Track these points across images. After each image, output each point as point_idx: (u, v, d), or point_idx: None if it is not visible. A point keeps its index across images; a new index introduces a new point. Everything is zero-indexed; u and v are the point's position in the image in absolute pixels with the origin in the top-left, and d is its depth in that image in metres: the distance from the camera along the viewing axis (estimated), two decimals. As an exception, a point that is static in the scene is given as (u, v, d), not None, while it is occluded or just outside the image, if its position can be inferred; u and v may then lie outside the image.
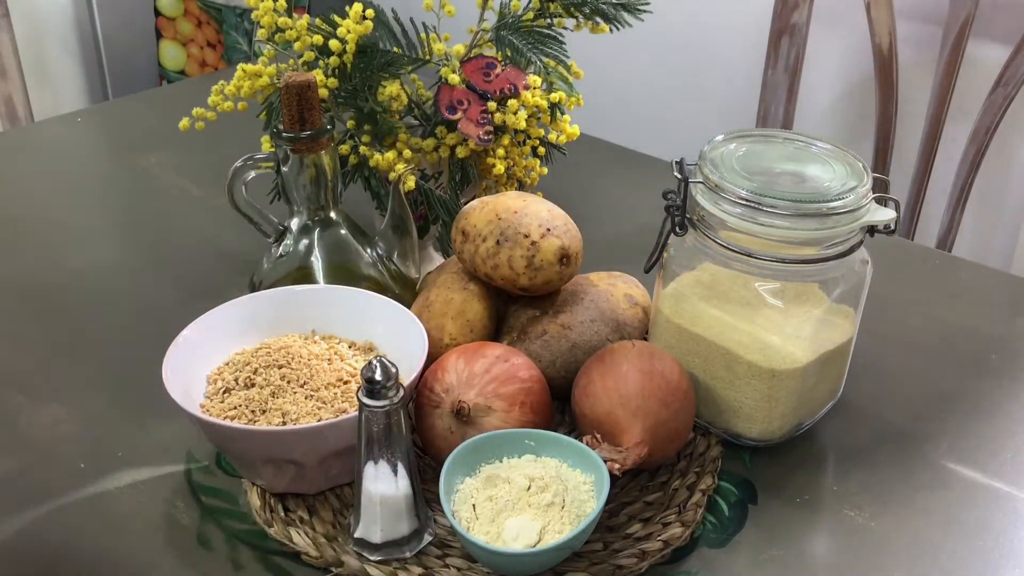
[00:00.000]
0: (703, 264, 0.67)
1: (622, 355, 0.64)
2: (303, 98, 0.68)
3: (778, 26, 1.42)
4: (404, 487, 0.57)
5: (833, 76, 1.61)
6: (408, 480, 0.57)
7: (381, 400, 0.54)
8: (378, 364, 0.54)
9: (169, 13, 2.15)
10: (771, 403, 0.65)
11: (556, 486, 0.57)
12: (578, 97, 0.80)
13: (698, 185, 0.65)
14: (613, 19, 0.82)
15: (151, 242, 0.95)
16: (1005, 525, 0.63)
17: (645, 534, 0.61)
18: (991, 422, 0.73)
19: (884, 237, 0.66)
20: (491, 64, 0.79)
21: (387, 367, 0.54)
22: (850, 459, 0.68)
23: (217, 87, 0.80)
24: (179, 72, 2.19)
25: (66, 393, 0.73)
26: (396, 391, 0.55)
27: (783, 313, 0.64)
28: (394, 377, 0.54)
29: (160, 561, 0.59)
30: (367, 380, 0.54)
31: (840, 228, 0.62)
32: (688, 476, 0.65)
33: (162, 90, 1.57)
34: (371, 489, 0.57)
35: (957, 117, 1.35)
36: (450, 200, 0.80)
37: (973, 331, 0.83)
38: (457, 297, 0.70)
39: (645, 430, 0.60)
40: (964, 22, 1.29)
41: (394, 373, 0.55)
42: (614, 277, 0.75)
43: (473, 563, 0.58)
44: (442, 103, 0.77)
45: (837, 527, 0.63)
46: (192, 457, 0.67)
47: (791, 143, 0.68)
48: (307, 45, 0.79)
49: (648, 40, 1.69)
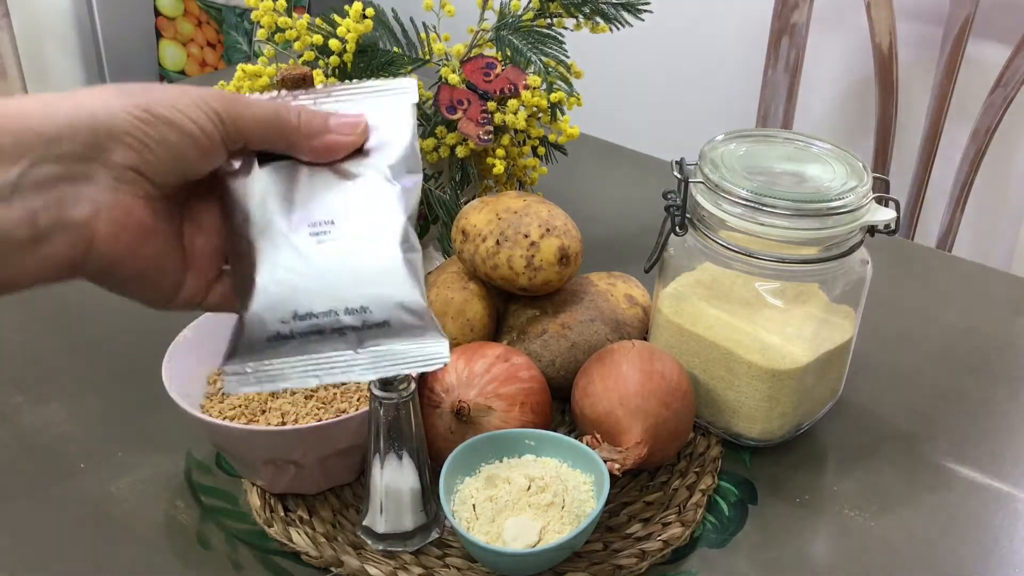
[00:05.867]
0: (703, 264, 0.67)
1: (622, 355, 0.64)
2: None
3: (778, 26, 1.42)
4: (411, 481, 0.58)
5: (833, 76, 1.61)
6: (416, 475, 0.58)
7: (392, 392, 0.55)
8: None
9: (169, 13, 2.15)
10: (771, 403, 0.65)
11: (556, 486, 0.57)
12: (578, 97, 0.80)
13: (698, 185, 0.65)
14: (613, 19, 0.82)
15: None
16: (1005, 525, 0.63)
17: (645, 534, 0.61)
18: (991, 422, 0.73)
19: (884, 237, 0.66)
20: (491, 64, 0.79)
21: None
22: (850, 459, 0.68)
23: (217, 87, 0.80)
24: (179, 72, 2.19)
25: (66, 393, 0.73)
26: (407, 384, 0.55)
27: (783, 313, 0.64)
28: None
29: (160, 561, 0.59)
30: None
31: (840, 228, 0.62)
32: (688, 476, 0.65)
33: (162, 90, 1.57)
34: (377, 481, 0.57)
35: (957, 117, 1.35)
36: (450, 200, 0.81)
37: (973, 331, 0.83)
38: (457, 297, 0.70)
39: (645, 430, 0.60)
40: (964, 22, 1.29)
41: None
42: (614, 277, 0.75)
43: (473, 563, 0.58)
44: (442, 103, 0.77)
45: (837, 527, 0.63)
46: (192, 457, 0.67)
47: (791, 143, 0.68)
48: (307, 45, 0.79)
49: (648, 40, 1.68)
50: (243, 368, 0.43)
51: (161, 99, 0.40)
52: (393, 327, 0.43)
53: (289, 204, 0.44)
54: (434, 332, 0.44)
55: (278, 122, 0.43)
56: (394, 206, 0.44)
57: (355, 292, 0.43)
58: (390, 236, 0.44)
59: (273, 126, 0.43)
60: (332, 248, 0.43)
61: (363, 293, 0.43)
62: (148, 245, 0.42)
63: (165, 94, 0.41)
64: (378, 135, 0.45)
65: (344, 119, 0.45)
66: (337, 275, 0.43)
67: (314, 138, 0.44)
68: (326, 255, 0.43)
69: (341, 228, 0.43)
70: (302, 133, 0.44)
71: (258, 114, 0.43)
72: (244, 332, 0.43)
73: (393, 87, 0.46)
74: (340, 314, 0.43)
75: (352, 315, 0.43)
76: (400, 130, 0.46)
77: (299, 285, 0.43)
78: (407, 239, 0.44)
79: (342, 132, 0.45)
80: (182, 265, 0.44)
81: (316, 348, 0.43)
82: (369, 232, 0.44)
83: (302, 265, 0.43)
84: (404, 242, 0.44)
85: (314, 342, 0.43)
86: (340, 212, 0.44)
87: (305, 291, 0.43)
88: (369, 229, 0.44)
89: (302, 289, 0.43)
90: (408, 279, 0.43)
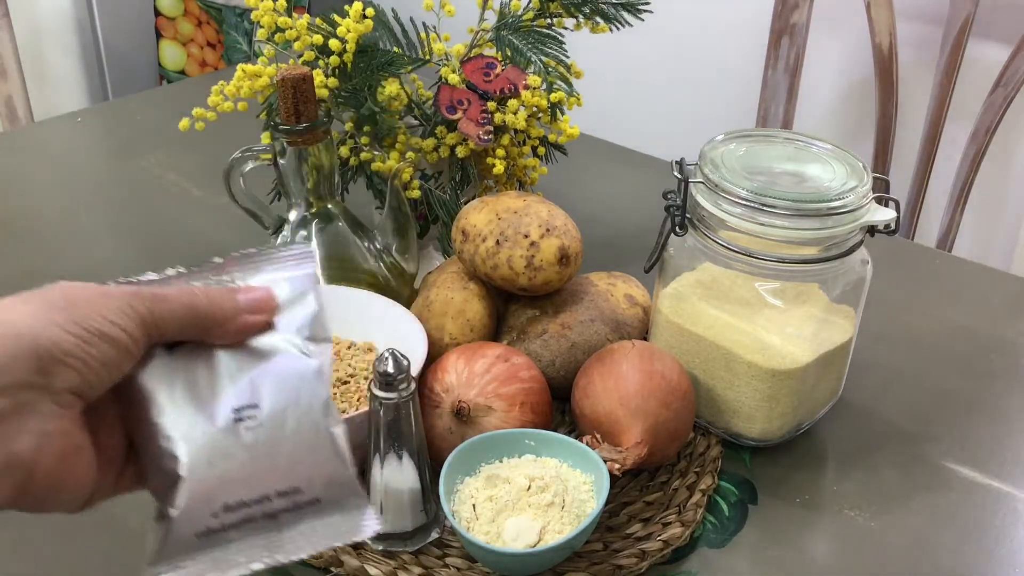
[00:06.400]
0: (703, 264, 0.67)
1: (622, 355, 0.64)
2: (299, 91, 0.68)
3: (778, 26, 1.42)
4: (411, 481, 0.58)
5: (833, 76, 1.61)
6: (415, 475, 0.58)
7: (392, 392, 0.55)
8: (390, 356, 0.55)
9: (169, 13, 2.15)
10: (771, 403, 0.65)
11: (556, 486, 0.57)
12: (578, 97, 0.80)
13: (698, 185, 0.65)
14: (613, 19, 0.82)
15: (151, 242, 0.95)
16: (1005, 525, 0.63)
17: (645, 534, 0.61)
18: (991, 422, 0.73)
19: (884, 237, 0.66)
20: (491, 64, 0.79)
21: (399, 360, 0.55)
22: (850, 459, 0.68)
23: (217, 87, 0.80)
24: (179, 72, 2.19)
25: (66, 393, 0.73)
26: (407, 384, 0.56)
27: (783, 313, 0.64)
28: (406, 370, 0.56)
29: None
30: (380, 372, 0.55)
31: (840, 228, 0.62)
32: (688, 476, 0.65)
33: (162, 90, 1.57)
34: (377, 480, 0.57)
35: (957, 117, 1.35)
36: (450, 200, 0.81)
37: (973, 331, 0.83)
38: (457, 297, 0.70)
39: (645, 430, 0.60)
40: (964, 22, 1.29)
41: (406, 366, 0.56)
42: (614, 277, 0.75)
43: (473, 563, 0.58)
44: (442, 103, 0.77)
45: (837, 527, 0.63)
46: (192, 457, 0.67)
47: (791, 143, 0.68)
48: (307, 45, 0.79)
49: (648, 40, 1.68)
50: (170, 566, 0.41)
51: (91, 312, 0.38)
52: (324, 504, 0.42)
53: (210, 390, 0.42)
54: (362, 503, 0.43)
55: (192, 314, 0.41)
56: (315, 381, 0.43)
57: (285, 475, 0.42)
58: (317, 414, 0.43)
59: (188, 320, 0.41)
60: (259, 434, 0.42)
61: (294, 475, 0.42)
62: (79, 464, 0.39)
63: (92, 306, 0.38)
64: (285, 306, 0.44)
65: (253, 297, 0.43)
66: (267, 460, 0.42)
67: (227, 323, 0.42)
68: (254, 442, 0.41)
69: (266, 411, 0.42)
70: (215, 320, 0.42)
71: (176, 310, 0.41)
72: (171, 533, 0.41)
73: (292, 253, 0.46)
74: (272, 499, 0.42)
75: (284, 497, 0.42)
76: (305, 299, 0.45)
77: (228, 476, 0.41)
78: (331, 413, 0.43)
79: (253, 311, 0.43)
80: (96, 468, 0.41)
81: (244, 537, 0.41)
82: (295, 413, 0.42)
83: (230, 455, 0.41)
84: (327, 416, 0.43)
85: (244, 530, 0.41)
86: (263, 394, 0.42)
87: (235, 481, 0.41)
88: (295, 410, 0.42)
89: (232, 480, 0.41)
90: (336, 456, 0.43)
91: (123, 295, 0.40)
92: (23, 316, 0.37)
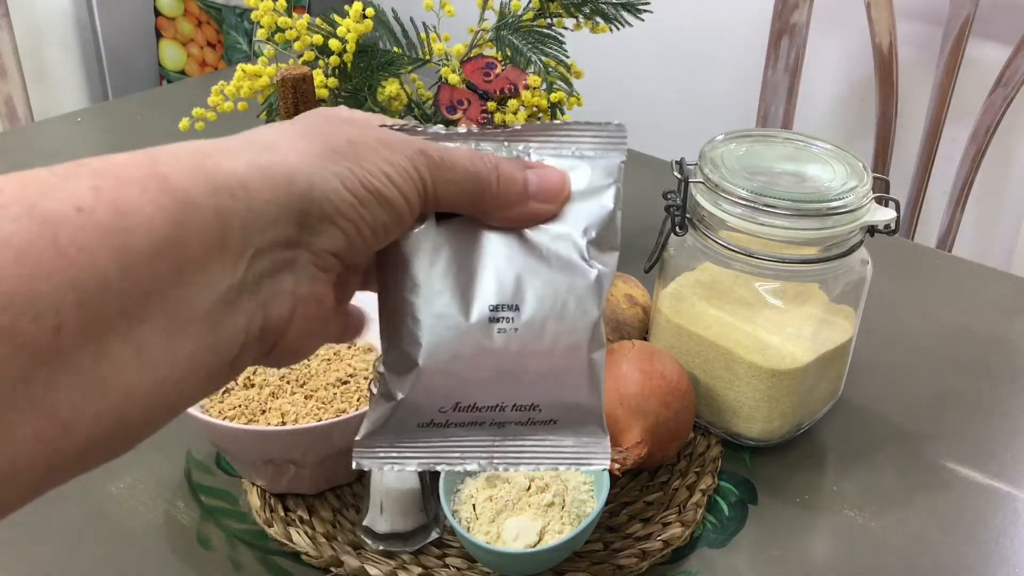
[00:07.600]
0: (703, 264, 0.67)
1: (622, 355, 0.64)
2: (299, 91, 0.68)
3: (778, 26, 1.42)
4: (411, 481, 0.58)
5: (833, 76, 1.61)
6: (416, 474, 0.58)
7: None
8: None
9: (169, 13, 2.16)
10: (771, 403, 0.65)
11: (556, 486, 0.57)
12: (578, 97, 0.80)
13: (698, 185, 0.65)
14: (613, 19, 0.82)
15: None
16: (1005, 525, 0.63)
17: (645, 534, 0.61)
18: (991, 422, 0.73)
19: (884, 237, 0.66)
20: (491, 64, 0.79)
21: None
22: (850, 459, 0.68)
23: (217, 87, 0.81)
24: (179, 72, 2.19)
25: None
26: None
27: (783, 313, 0.64)
28: None
29: (160, 561, 0.59)
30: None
31: (840, 228, 0.62)
32: (688, 476, 0.65)
33: (162, 90, 1.57)
34: (377, 481, 0.57)
35: (957, 117, 1.35)
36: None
37: (973, 331, 0.83)
38: (457, 297, 0.69)
39: (645, 430, 0.60)
40: (964, 22, 1.29)
41: None
42: (614, 277, 0.75)
43: (473, 563, 0.58)
44: (442, 103, 0.77)
45: (837, 527, 0.63)
46: (192, 457, 0.67)
47: (791, 143, 0.68)
48: (307, 45, 0.79)
49: (648, 40, 1.69)
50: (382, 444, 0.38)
51: (374, 167, 0.33)
52: (559, 425, 0.38)
53: (470, 279, 0.37)
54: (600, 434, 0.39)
55: (477, 189, 0.36)
56: (588, 296, 0.38)
57: (529, 391, 0.38)
58: (580, 334, 0.37)
59: (472, 196, 0.36)
60: (512, 341, 0.37)
61: (538, 392, 0.38)
62: (328, 330, 0.36)
63: (376, 155, 0.33)
64: (577, 197, 0.38)
65: (545, 182, 0.38)
66: (513, 371, 0.37)
67: (511, 207, 0.37)
68: (504, 348, 0.37)
69: (525, 317, 0.37)
70: (499, 201, 0.37)
71: (459, 179, 0.36)
72: (395, 416, 0.38)
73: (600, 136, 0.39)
74: (507, 410, 0.38)
75: (519, 411, 0.38)
76: (602, 195, 0.39)
77: (469, 377, 0.37)
78: (596, 336, 0.38)
79: (541, 199, 0.37)
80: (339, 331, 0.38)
81: (465, 435, 0.38)
82: (557, 327, 0.37)
83: (477, 357, 0.37)
84: (593, 340, 0.38)
85: (468, 430, 0.38)
86: (527, 297, 0.37)
87: (474, 383, 0.37)
88: (557, 324, 0.37)
89: (471, 381, 0.37)
90: (590, 384, 0.38)
91: (407, 150, 0.34)
92: (300, 156, 0.32)
